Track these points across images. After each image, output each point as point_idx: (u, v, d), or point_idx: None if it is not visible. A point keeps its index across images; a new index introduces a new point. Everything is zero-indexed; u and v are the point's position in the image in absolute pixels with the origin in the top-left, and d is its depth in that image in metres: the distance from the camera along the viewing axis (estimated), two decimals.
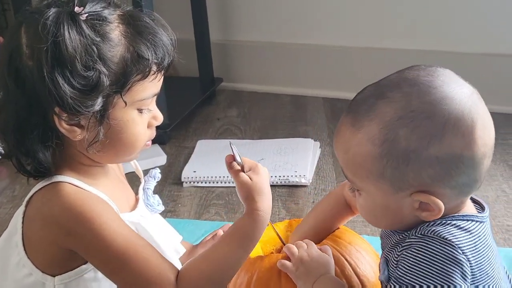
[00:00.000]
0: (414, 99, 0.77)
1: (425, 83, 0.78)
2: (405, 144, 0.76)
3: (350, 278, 0.96)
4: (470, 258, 0.77)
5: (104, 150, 0.91)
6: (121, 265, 0.88)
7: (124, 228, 0.90)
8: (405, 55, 2.37)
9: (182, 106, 2.31)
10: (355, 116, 0.82)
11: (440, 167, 0.77)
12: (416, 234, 0.80)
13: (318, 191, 1.81)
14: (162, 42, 0.90)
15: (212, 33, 2.53)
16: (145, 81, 0.89)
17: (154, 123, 0.97)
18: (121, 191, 1.02)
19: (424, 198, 0.79)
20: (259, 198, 0.94)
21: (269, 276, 0.97)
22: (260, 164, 0.99)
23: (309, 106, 2.48)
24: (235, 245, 0.93)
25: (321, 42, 2.53)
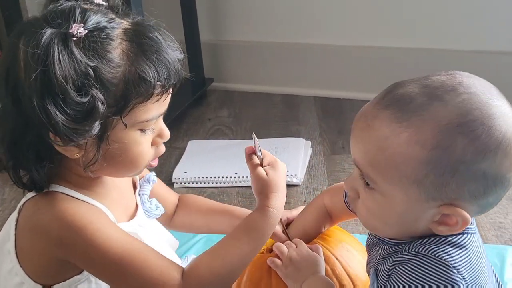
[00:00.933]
0: (475, 108, 0.71)
1: (483, 93, 0.73)
2: (459, 154, 0.70)
3: (341, 277, 0.95)
4: (465, 275, 0.74)
5: (103, 169, 0.88)
6: (121, 270, 0.86)
7: (119, 233, 0.88)
8: (397, 54, 2.37)
9: (172, 107, 2.25)
10: (400, 112, 0.73)
11: (482, 184, 0.72)
12: (409, 251, 0.76)
13: (310, 190, 1.81)
14: (168, 61, 0.85)
15: (202, 33, 2.52)
16: (148, 103, 0.84)
17: (159, 141, 0.92)
18: (119, 199, 0.99)
19: (453, 212, 0.74)
20: (273, 195, 0.93)
21: (260, 276, 0.96)
22: (280, 161, 0.96)
23: (301, 106, 2.48)
24: (245, 240, 0.91)
25: (312, 41, 2.53)
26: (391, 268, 0.78)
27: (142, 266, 0.86)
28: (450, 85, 0.74)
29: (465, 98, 0.72)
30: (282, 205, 0.94)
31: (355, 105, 2.43)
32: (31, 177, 0.87)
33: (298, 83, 2.59)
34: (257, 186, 0.95)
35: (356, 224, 1.61)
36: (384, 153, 0.74)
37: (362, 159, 0.77)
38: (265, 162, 0.95)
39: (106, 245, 0.85)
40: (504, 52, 2.24)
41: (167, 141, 2.32)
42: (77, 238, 0.85)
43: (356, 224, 1.61)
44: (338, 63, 2.50)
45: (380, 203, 0.78)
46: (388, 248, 0.83)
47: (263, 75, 2.63)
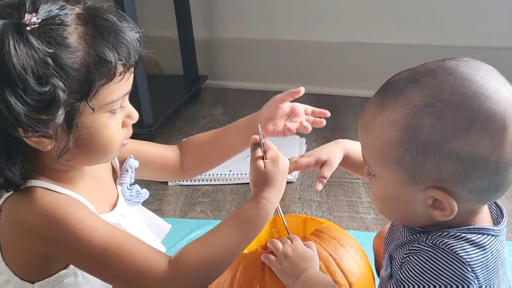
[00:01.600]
0: (446, 88, 0.72)
1: (462, 75, 0.73)
2: (427, 134, 0.72)
3: (335, 273, 0.95)
4: (479, 275, 0.74)
5: (77, 157, 0.87)
6: (105, 261, 0.85)
7: (101, 224, 0.87)
8: (391, 50, 2.37)
9: (166, 105, 2.30)
10: (382, 97, 0.77)
11: (460, 166, 0.72)
12: (426, 242, 0.76)
13: (304, 187, 1.80)
14: (126, 40, 0.84)
15: (196, 31, 2.51)
16: (112, 84, 0.84)
17: (129, 122, 0.92)
18: (100, 190, 0.99)
19: (438, 195, 0.74)
20: (267, 188, 0.92)
21: (253, 273, 0.96)
22: (284, 158, 0.96)
23: (294, 102, 2.47)
24: (236, 230, 0.90)
25: (306, 38, 2.52)
26: (405, 257, 0.78)
27: (126, 255, 0.85)
28: (431, 69, 0.76)
29: (440, 81, 0.73)
30: (276, 200, 0.94)
31: (349, 102, 2.43)
32: (5, 176, 0.86)
33: (292, 80, 2.58)
34: (253, 177, 0.95)
35: (351, 220, 1.61)
36: (368, 136, 0.78)
37: (361, 144, 0.81)
38: (267, 155, 0.95)
39: (88, 236, 0.85)
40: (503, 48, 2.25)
41: (161, 140, 2.32)
42: (59, 231, 0.84)
43: (350, 220, 1.61)
44: (332, 60, 2.50)
45: (378, 187, 0.81)
46: (408, 235, 0.83)
47: (257, 72, 2.63)
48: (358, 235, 1.49)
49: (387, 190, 0.80)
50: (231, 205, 1.73)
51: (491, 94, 0.72)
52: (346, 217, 1.63)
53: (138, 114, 0.92)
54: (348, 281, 0.96)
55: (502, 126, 0.71)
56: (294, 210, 1.68)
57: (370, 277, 1.02)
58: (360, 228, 1.57)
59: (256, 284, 0.94)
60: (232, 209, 1.71)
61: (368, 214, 1.63)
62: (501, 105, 0.71)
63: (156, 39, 2.62)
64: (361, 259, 1.02)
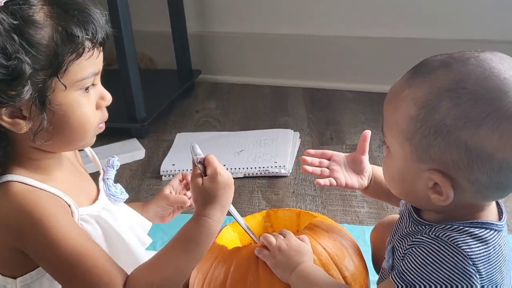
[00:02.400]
0: (471, 78, 0.73)
1: (491, 69, 0.74)
2: (442, 116, 0.74)
3: (329, 266, 0.95)
4: (481, 269, 0.75)
5: (53, 138, 0.88)
6: (71, 271, 0.86)
7: (76, 232, 0.88)
8: (385, 44, 2.37)
9: (160, 99, 2.30)
10: (413, 73, 0.80)
11: (465, 155, 0.73)
12: (429, 234, 0.77)
13: (298, 181, 1.80)
14: (92, 17, 0.87)
15: (189, 25, 2.51)
16: (81, 60, 0.86)
17: (102, 103, 0.93)
18: (79, 183, 0.99)
19: (438, 179, 0.76)
20: (208, 205, 0.93)
21: (247, 266, 0.95)
22: (223, 174, 0.95)
23: (289, 97, 2.48)
24: (181, 250, 0.91)
25: (300, 32, 2.52)
26: (408, 248, 0.79)
27: (93, 270, 0.86)
28: (466, 57, 0.77)
29: (469, 69, 0.74)
30: (219, 215, 0.93)
31: (342, 96, 2.43)
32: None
33: (286, 74, 2.58)
34: (193, 195, 0.96)
35: (345, 214, 1.61)
36: (391, 107, 0.81)
37: (384, 118, 0.84)
38: (207, 172, 0.95)
39: (63, 243, 0.85)
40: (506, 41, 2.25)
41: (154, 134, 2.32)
42: (34, 231, 0.85)
43: (344, 214, 1.61)
44: (326, 54, 2.50)
45: (390, 160, 0.84)
46: (412, 226, 0.84)
47: (251, 66, 2.62)
48: (352, 228, 1.49)
49: (396, 163, 0.83)
50: None
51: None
52: (340, 211, 1.63)
53: (111, 96, 0.93)
54: (342, 275, 0.96)
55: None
56: (288, 204, 1.68)
57: (364, 271, 1.02)
58: (354, 222, 1.57)
59: (250, 278, 0.94)
60: None
61: (362, 207, 1.64)
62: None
63: (150, 33, 2.62)
64: (355, 252, 1.02)
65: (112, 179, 1.05)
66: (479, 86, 0.73)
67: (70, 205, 0.91)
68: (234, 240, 1.08)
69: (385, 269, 0.87)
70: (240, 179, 1.83)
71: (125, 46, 2.00)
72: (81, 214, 0.93)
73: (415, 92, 0.77)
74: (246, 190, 1.78)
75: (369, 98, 2.36)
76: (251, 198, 1.73)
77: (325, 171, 1.06)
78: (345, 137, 2.09)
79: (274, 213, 1.14)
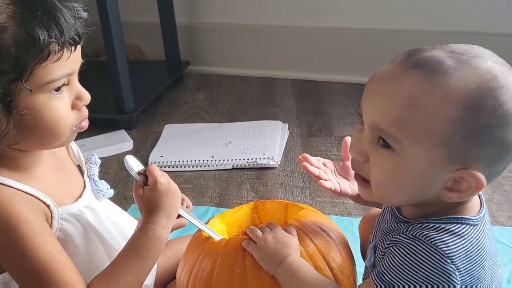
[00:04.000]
0: (501, 74, 0.74)
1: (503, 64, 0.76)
2: (487, 118, 0.72)
3: (316, 258, 0.95)
4: (459, 266, 0.75)
5: (24, 141, 0.86)
6: (38, 282, 0.86)
7: (50, 243, 0.88)
8: (373, 35, 2.37)
9: (148, 91, 2.29)
10: (431, 73, 0.74)
11: (499, 150, 0.74)
12: (406, 234, 0.77)
13: (287, 173, 1.81)
14: (58, 17, 0.82)
15: (178, 16, 2.50)
16: (47, 63, 0.82)
17: (78, 104, 0.90)
18: (62, 180, 0.98)
19: (467, 174, 0.75)
20: (152, 214, 0.95)
21: (234, 258, 0.95)
22: (164, 182, 0.97)
23: (278, 88, 2.47)
24: (133, 259, 0.93)
25: (289, 24, 2.52)
26: (387, 247, 0.79)
27: (59, 283, 0.87)
28: (474, 53, 0.76)
29: (491, 65, 0.74)
30: (165, 221, 0.95)
31: (331, 88, 2.43)
32: None
33: (275, 66, 2.58)
34: (137, 204, 0.97)
35: (333, 206, 1.61)
36: (414, 111, 0.74)
37: (385, 119, 0.77)
38: (148, 182, 0.97)
39: (34, 253, 0.85)
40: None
41: (143, 126, 2.30)
42: (9, 238, 0.84)
43: (332, 206, 1.61)
44: (315, 46, 2.50)
45: (397, 164, 0.77)
46: (393, 223, 0.84)
47: (240, 57, 2.62)
48: (340, 220, 1.50)
49: (411, 169, 0.77)
50: (214, 191, 1.73)
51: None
52: (328, 202, 1.63)
53: (89, 95, 0.90)
54: (329, 266, 0.96)
55: None
56: (276, 196, 1.68)
57: (351, 263, 1.02)
58: (342, 214, 1.58)
59: (237, 269, 0.94)
60: (214, 195, 1.71)
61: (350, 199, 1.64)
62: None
63: (138, 24, 2.60)
64: (342, 244, 1.02)
65: (97, 175, 1.04)
66: (509, 82, 0.74)
67: (49, 205, 0.90)
68: (221, 231, 1.08)
69: (368, 267, 0.87)
70: (228, 171, 1.83)
71: (113, 37, 1.98)
72: (61, 213, 0.92)
73: (451, 93, 0.73)
74: (234, 182, 1.77)
75: (359, 89, 2.34)
76: (240, 189, 1.73)
77: (322, 174, 1.03)
78: (333, 128, 2.09)
79: (261, 204, 1.14)
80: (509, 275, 1.32)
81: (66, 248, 0.92)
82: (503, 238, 1.44)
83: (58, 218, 0.92)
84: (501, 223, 1.51)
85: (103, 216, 1.01)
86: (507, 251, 1.39)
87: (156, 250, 0.95)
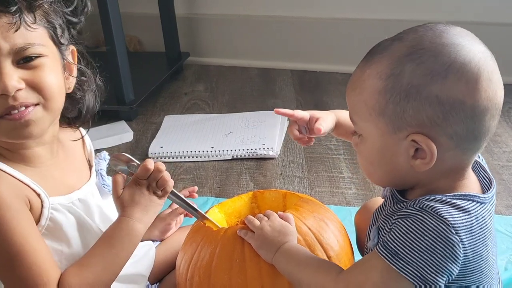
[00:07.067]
0: (426, 39, 0.79)
1: (441, 30, 0.80)
2: (408, 79, 0.77)
3: (314, 247, 0.96)
4: (463, 239, 0.76)
5: None
6: (11, 264, 0.87)
7: (24, 227, 0.88)
8: (374, 25, 2.37)
9: (148, 82, 2.29)
10: (368, 56, 0.83)
11: (439, 109, 0.76)
12: (413, 206, 0.79)
13: (286, 163, 1.81)
14: None
15: (177, 7, 2.50)
16: None
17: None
18: (62, 173, 0.99)
19: (419, 139, 0.78)
20: (128, 208, 0.97)
21: (233, 247, 0.96)
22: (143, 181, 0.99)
23: (277, 79, 2.48)
24: (105, 247, 0.94)
25: (288, 14, 2.52)
26: (394, 222, 0.80)
27: (32, 267, 0.87)
28: (413, 28, 0.82)
29: (421, 35, 0.80)
30: (141, 215, 0.97)
31: (331, 78, 2.43)
32: None
33: (274, 57, 2.58)
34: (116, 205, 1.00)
35: (332, 195, 1.62)
36: (355, 92, 0.84)
37: (348, 105, 0.87)
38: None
39: (8, 234, 0.86)
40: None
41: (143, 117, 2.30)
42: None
43: (331, 195, 1.62)
44: (315, 36, 2.50)
45: (366, 145, 0.86)
46: (393, 205, 0.87)
47: (240, 48, 2.62)
48: (339, 209, 1.51)
49: (373, 146, 0.84)
50: (213, 182, 1.74)
51: (466, 45, 0.78)
52: (327, 192, 1.64)
53: (6, 84, 0.84)
54: (327, 255, 0.97)
55: (476, 71, 0.76)
56: (276, 186, 1.69)
57: (349, 251, 1.03)
58: (341, 203, 1.59)
59: (236, 258, 0.95)
60: (214, 186, 1.72)
61: (349, 189, 1.65)
62: (475, 55, 0.77)
63: (137, 16, 2.61)
64: (340, 233, 1.03)
65: (105, 170, 1.07)
66: (435, 44, 0.78)
67: (39, 194, 0.91)
68: (220, 221, 1.09)
69: (371, 248, 0.87)
70: (228, 161, 1.84)
71: (112, 29, 1.99)
72: (51, 203, 0.93)
73: (377, 67, 0.81)
74: (234, 172, 1.78)
75: None
76: (239, 180, 1.74)
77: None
78: None
79: (260, 194, 1.15)
80: (506, 263, 1.33)
81: (56, 237, 0.94)
82: (500, 226, 1.45)
83: (49, 207, 0.93)
84: (499, 212, 1.52)
85: (94, 211, 1.03)
86: (504, 239, 1.40)
87: (129, 242, 0.96)
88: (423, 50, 0.78)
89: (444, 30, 0.80)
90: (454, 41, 0.78)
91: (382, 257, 0.78)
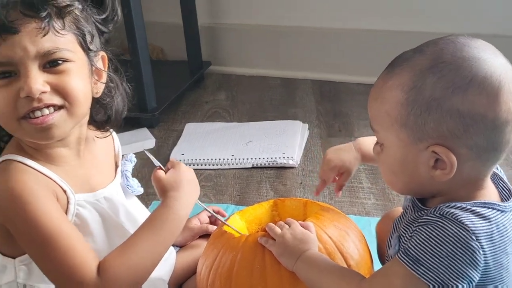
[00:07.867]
0: (447, 53, 0.80)
1: (462, 43, 0.81)
2: (430, 92, 0.79)
3: (334, 255, 0.96)
4: (484, 245, 0.77)
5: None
6: (46, 249, 0.88)
7: (56, 214, 0.90)
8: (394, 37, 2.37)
9: (170, 90, 2.32)
10: (390, 68, 0.85)
11: (460, 122, 0.78)
12: (434, 213, 0.80)
13: (306, 172, 1.82)
14: None
15: (200, 17, 2.52)
16: None
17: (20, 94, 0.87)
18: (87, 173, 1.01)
19: (440, 150, 0.79)
20: (172, 192, 0.98)
21: (254, 254, 0.97)
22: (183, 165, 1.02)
23: (298, 89, 2.49)
24: (148, 230, 0.95)
25: (309, 24, 2.53)
26: (414, 230, 0.81)
27: (68, 251, 0.88)
28: (434, 41, 0.83)
29: (441, 48, 0.81)
30: (186, 200, 0.99)
31: (351, 89, 2.44)
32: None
33: (295, 67, 2.59)
34: (157, 187, 1.01)
35: (351, 205, 1.63)
36: (377, 102, 0.86)
37: (370, 115, 0.89)
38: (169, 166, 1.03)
39: (42, 219, 0.87)
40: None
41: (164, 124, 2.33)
42: (20, 211, 0.87)
43: (351, 205, 1.63)
44: (335, 47, 2.51)
45: (387, 154, 0.87)
46: (414, 213, 0.87)
47: (261, 58, 2.64)
48: (358, 219, 1.51)
49: (394, 155, 0.85)
50: (233, 189, 1.75)
51: (487, 59, 0.79)
52: (347, 202, 1.65)
53: (30, 87, 0.86)
54: (347, 263, 0.98)
55: (497, 85, 0.77)
56: (295, 195, 1.69)
57: (369, 261, 1.04)
58: (360, 213, 1.59)
59: (257, 265, 0.96)
60: (234, 194, 1.73)
61: (369, 199, 1.65)
62: (497, 68, 0.78)
63: (161, 25, 2.64)
64: (360, 242, 1.04)
65: (130, 171, 1.08)
66: (456, 57, 0.79)
67: (66, 190, 0.94)
68: (241, 228, 1.11)
69: (391, 255, 0.88)
70: (248, 170, 1.86)
71: (136, 38, 2.02)
72: (77, 199, 0.95)
73: (398, 79, 0.82)
74: (254, 181, 1.80)
75: None
76: (259, 188, 1.75)
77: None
78: (353, 129, 2.10)
79: (281, 202, 1.16)
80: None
81: (82, 233, 0.94)
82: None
83: (75, 203, 0.95)
84: None
85: (119, 209, 1.04)
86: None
87: (172, 224, 0.96)
88: (444, 63, 0.79)
89: (465, 43, 0.81)
90: (475, 54, 0.79)
91: (403, 263, 0.79)
